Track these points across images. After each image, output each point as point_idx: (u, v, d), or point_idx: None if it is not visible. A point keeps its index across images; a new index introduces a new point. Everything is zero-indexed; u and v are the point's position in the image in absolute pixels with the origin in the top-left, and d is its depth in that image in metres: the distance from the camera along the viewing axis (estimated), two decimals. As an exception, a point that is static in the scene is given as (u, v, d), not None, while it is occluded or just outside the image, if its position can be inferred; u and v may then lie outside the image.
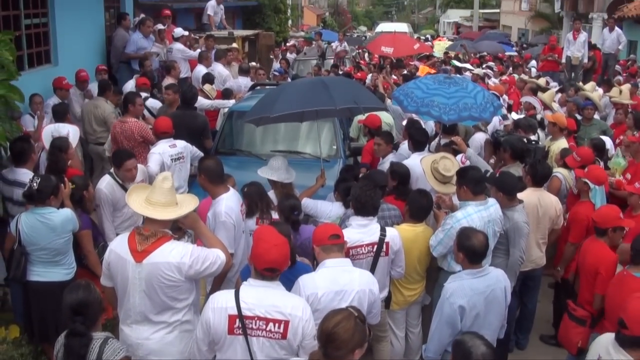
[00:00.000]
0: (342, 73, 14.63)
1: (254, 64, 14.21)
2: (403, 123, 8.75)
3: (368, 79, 13.94)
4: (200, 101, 8.99)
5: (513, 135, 7.28)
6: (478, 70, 15.10)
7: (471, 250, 4.31)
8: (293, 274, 4.14)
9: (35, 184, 5.04)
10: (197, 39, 13.39)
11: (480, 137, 8.05)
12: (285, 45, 20.39)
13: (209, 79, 10.38)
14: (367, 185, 4.99)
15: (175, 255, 3.89)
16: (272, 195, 5.76)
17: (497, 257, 5.34)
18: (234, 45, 13.92)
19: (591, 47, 16.16)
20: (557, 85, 13.29)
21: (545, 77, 14.22)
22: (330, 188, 6.36)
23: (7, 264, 5.19)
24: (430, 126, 8.67)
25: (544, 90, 10.99)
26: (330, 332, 3.08)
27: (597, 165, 6.73)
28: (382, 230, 4.86)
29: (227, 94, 10.28)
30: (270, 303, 3.55)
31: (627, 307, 3.78)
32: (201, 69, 11.24)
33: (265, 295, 3.58)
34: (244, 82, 11.59)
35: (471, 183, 5.18)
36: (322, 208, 5.84)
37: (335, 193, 5.93)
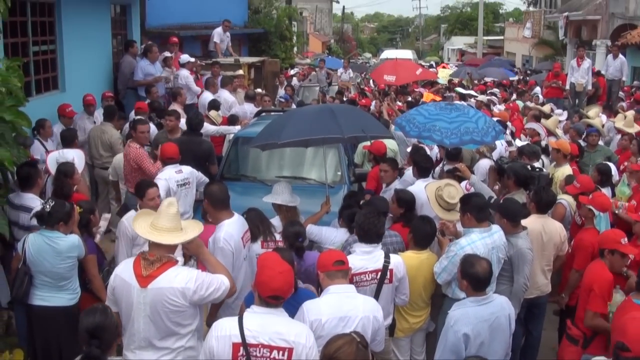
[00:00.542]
0: (347, 100, 14.73)
1: (259, 90, 14.32)
2: (407, 149, 8.78)
3: (372, 105, 14.03)
4: (206, 127, 9.06)
5: (517, 162, 7.30)
6: (482, 97, 15.18)
7: (475, 277, 4.31)
8: (296, 300, 4.15)
9: (48, 206, 5.08)
10: (203, 65, 13.53)
11: (485, 164, 8.07)
12: (289, 71, 20.56)
13: (214, 105, 10.48)
14: (371, 212, 5.00)
15: (180, 280, 3.90)
16: (277, 222, 5.79)
17: (501, 284, 5.34)
18: (240, 72, 14.06)
19: (595, 73, 16.25)
20: (562, 112, 13.33)
21: (550, 104, 14.29)
22: (335, 214, 6.38)
23: (12, 284, 5.20)
24: (435, 152, 8.71)
25: (547, 117, 11.04)
26: (332, 356, 3.09)
27: (601, 192, 6.73)
28: (386, 257, 4.85)
29: (233, 120, 10.36)
30: (274, 330, 3.55)
31: (627, 330, 3.77)
32: (207, 96, 11.36)
33: (269, 323, 3.58)
34: (250, 108, 11.66)
35: (475, 210, 5.19)
36: (326, 234, 5.85)
37: (339, 219, 5.94)
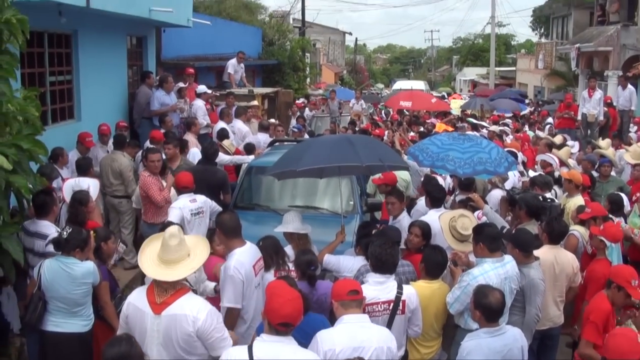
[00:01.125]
0: (359, 130, 14.83)
1: (273, 120, 14.46)
2: (420, 179, 8.82)
3: (385, 135, 14.10)
4: (220, 157, 9.17)
5: (528, 193, 7.31)
6: (494, 128, 15.23)
7: (488, 308, 4.32)
8: (307, 324, 4.16)
9: (65, 233, 5.15)
10: (218, 96, 13.70)
11: (497, 194, 8.09)
12: (301, 102, 20.76)
13: (223, 134, 10.60)
14: (386, 242, 5.00)
15: (192, 308, 3.95)
16: (289, 250, 5.81)
17: (513, 315, 5.32)
18: (254, 103, 14.24)
19: (606, 104, 16.28)
20: (574, 144, 13.35)
21: (562, 134, 14.30)
22: (348, 244, 6.42)
23: (26, 309, 5.24)
24: (449, 182, 8.73)
25: (559, 147, 11.07)
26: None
27: (612, 222, 6.73)
28: (399, 287, 4.84)
29: (250, 149, 10.47)
30: (284, 359, 3.57)
31: (608, 346, 3.82)
32: (221, 125, 11.49)
33: (279, 351, 3.60)
34: (263, 138, 11.79)
35: (487, 240, 5.21)
36: (344, 263, 5.85)
37: (357, 248, 5.94)
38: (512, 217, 7.26)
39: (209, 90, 12.94)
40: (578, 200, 7.78)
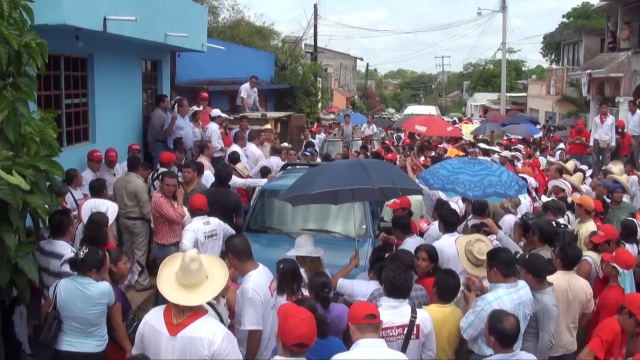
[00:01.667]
0: (371, 154, 14.86)
1: (285, 144, 14.55)
2: (433, 200, 8.78)
3: (397, 160, 14.12)
4: (233, 180, 9.22)
5: (542, 218, 7.29)
6: (506, 153, 15.23)
7: (503, 333, 4.30)
8: (326, 347, 4.14)
9: (82, 253, 5.18)
10: (232, 119, 13.81)
11: (509, 220, 8.07)
12: (314, 126, 20.91)
13: (233, 157, 10.67)
14: (400, 267, 4.99)
15: (208, 331, 3.95)
16: (302, 274, 5.80)
17: (526, 341, 5.28)
18: (268, 126, 14.32)
19: (619, 130, 16.29)
20: (587, 168, 13.33)
21: (573, 160, 14.29)
22: (361, 268, 6.41)
23: (40, 328, 5.24)
24: (462, 207, 8.72)
25: (569, 172, 11.06)
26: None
27: (624, 249, 6.70)
28: (413, 312, 4.83)
29: (265, 172, 10.53)
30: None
31: None
32: (235, 149, 11.56)
33: (294, 372, 3.59)
34: (276, 161, 11.84)
35: (502, 265, 5.19)
36: (358, 287, 5.83)
37: (370, 272, 5.94)
38: (525, 243, 7.24)
39: (223, 114, 13.04)
40: (590, 226, 7.76)
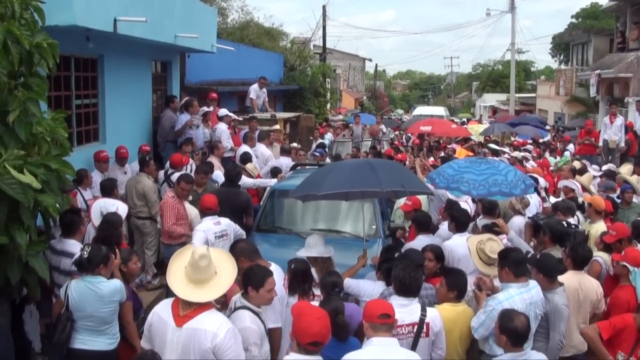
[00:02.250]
0: (380, 153, 14.83)
1: (295, 144, 14.57)
2: (442, 200, 8.76)
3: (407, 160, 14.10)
4: (243, 180, 9.24)
5: (553, 219, 7.26)
6: (516, 154, 15.19)
7: (514, 332, 4.29)
8: (346, 348, 4.16)
9: (85, 252, 5.22)
10: (241, 120, 13.84)
11: (518, 221, 8.03)
12: (323, 127, 20.92)
13: (246, 157, 10.70)
14: (410, 265, 4.99)
15: (212, 324, 3.99)
16: (314, 274, 5.81)
17: (537, 341, 5.26)
18: (277, 127, 14.36)
19: (628, 129, 16.22)
20: (598, 169, 13.27)
21: (582, 160, 14.23)
22: (369, 268, 6.41)
23: (53, 329, 5.30)
24: (472, 207, 8.69)
25: (580, 172, 11.03)
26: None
27: (634, 247, 6.66)
28: (423, 310, 4.83)
29: (276, 172, 10.55)
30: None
31: None
32: (245, 149, 11.58)
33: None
34: (286, 162, 11.87)
35: (513, 265, 5.18)
36: (364, 287, 5.84)
37: (377, 272, 5.94)
38: (536, 243, 7.21)
39: (230, 114, 13.07)
40: (600, 226, 7.72)
